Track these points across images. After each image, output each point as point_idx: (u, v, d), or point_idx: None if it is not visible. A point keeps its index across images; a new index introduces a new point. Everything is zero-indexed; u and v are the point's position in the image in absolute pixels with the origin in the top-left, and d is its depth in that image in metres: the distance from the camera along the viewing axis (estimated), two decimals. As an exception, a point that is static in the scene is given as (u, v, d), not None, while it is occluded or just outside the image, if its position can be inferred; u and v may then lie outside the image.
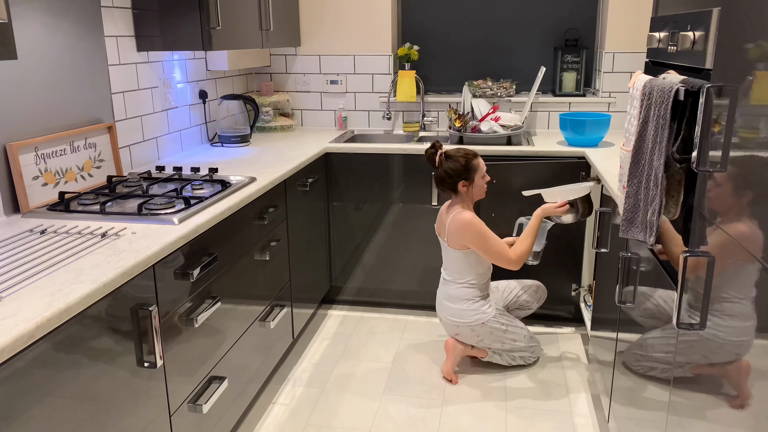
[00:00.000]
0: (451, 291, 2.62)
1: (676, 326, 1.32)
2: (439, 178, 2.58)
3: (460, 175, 2.54)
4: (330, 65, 3.67)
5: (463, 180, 2.54)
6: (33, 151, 2.01)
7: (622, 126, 3.48)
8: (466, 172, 2.54)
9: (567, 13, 3.57)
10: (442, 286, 2.68)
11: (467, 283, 2.60)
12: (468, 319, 2.59)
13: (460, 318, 2.60)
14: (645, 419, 1.70)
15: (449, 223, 2.55)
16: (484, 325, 2.59)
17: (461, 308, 2.59)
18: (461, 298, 2.60)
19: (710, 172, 1.27)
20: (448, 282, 2.64)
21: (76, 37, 2.22)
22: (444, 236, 2.59)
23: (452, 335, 2.68)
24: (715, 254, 1.22)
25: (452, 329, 2.65)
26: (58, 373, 1.29)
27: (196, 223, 1.84)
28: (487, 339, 2.64)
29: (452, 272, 2.62)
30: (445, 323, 2.67)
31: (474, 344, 2.67)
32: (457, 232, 2.53)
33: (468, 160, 2.54)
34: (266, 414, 2.47)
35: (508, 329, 2.65)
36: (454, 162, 2.54)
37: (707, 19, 1.35)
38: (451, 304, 2.61)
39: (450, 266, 2.63)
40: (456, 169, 2.53)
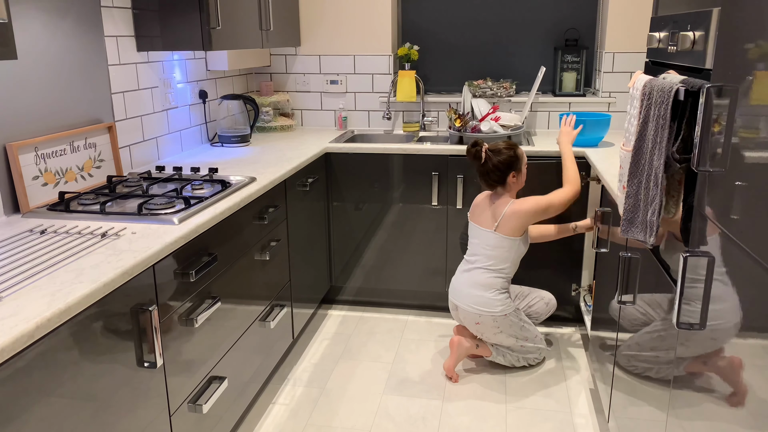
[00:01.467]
0: (481, 278, 2.60)
1: (676, 326, 1.32)
2: (489, 172, 2.59)
3: (510, 166, 2.58)
4: (330, 65, 3.67)
5: (513, 171, 2.58)
6: (33, 151, 2.01)
7: (622, 126, 3.48)
8: (517, 162, 2.59)
9: (567, 13, 3.56)
10: (467, 273, 2.65)
11: (500, 272, 2.60)
12: (493, 309, 2.58)
13: (486, 307, 2.58)
14: (645, 419, 1.70)
15: (508, 210, 2.56)
16: (506, 317, 2.60)
17: (489, 296, 2.58)
18: (491, 286, 2.59)
19: (710, 172, 1.27)
20: (478, 269, 2.62)
21: (76, 37, 2.22)
22: (491, 223, 2.59)
23: (471, 324, 2.64)
24: (716, 254, 1.22)
25: (473, 318, 2.61)
26: (58, 373, 1.29)
27: (196, 223, 1.84)
28: (505, 332, 2.63)
29: (489, 258, 2.60)
30: (466, 312, 2.62)
31: (490, 337, 2.65)
32: (522, 216, 2.56)
33: (515, 150, 2.60)
34: (266, 414, 2.47)
35: (524, 326, 2.66)
36: (503, 155, 2.57)
37: (707, 19, 1.35)
38: (479, 292, 2.59)
39: (487, 252, 2.61)
40: (507, 162, 2.57)
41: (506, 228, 2.58)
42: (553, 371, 2.76)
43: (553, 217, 2.70)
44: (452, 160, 3.04)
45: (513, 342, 2.67)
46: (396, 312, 3.35)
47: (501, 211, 2.58)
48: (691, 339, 1.36)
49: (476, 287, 2.60)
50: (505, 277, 2.62)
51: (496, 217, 2.59)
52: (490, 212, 2.61)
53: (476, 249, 2.65)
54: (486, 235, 2.62)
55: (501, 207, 2.59)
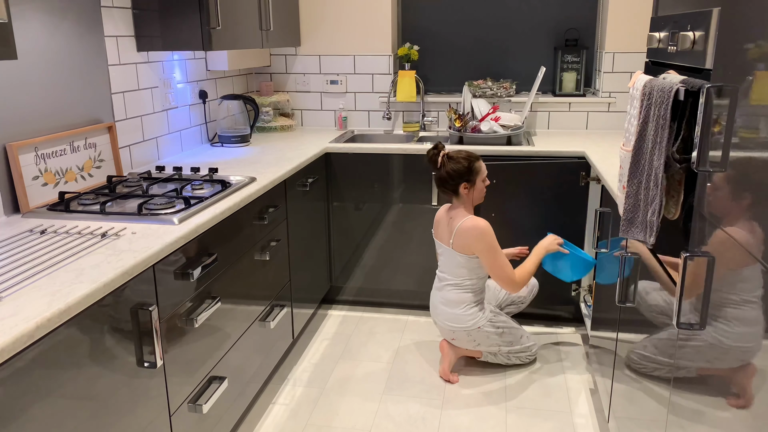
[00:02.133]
0: (449, 295, 2.61)
1: (676, 326, 1.32)
2: (441, 179, 2.57)
3: (462, 176, 2.54)
4: (330, 65, 3.67)
5: (464, 182, 2.54)
6: (33, 151, 2.01)
7: (622, 126, 3.48)
8: (468, 174, 2.54)
9: (567, 13, 3.56)
10: (438, 291, 2.67)
11: (465, 288, 2.60)
12: (464, 324, 2.59)
13: (457, 323, 2.60)
14: (645, 419, 1.70)
15: (460, 226, 2.52)
16: (480, 330, 2.60)
17: (457, 313, 2.59)
18: (458, 302, 2.60)
19: (710, 172, 1.27)
20: (445, 286, 2.63)
21: (76, 37, 2.22)
22: (448, 239, 2.57)
23: (449, 339, 2.68)
24: (716, 254, 1.22)
25: (448, 334, 2.65)
26: (58, 373, 1.29)
27: (196, 223, 1.84)
28: (483, 343, 2.65)
29: (451, 275, 2.61)
30: (441, 328, 2.67)
31: (471, 348, 2.68)
32: (468, 238, 2.51)
33: (470, 162, 2.54)
34: (266, 414, 2.47)
35: (504, 332, 2.65)
36: (457, 163, 2.53)
37: (707, 19, 1.35)
38: (448, 308, 2.61)
39: (450, 269, 2.61)
40: (458, 171, 2.53)
41: (459, 245, 2.54)
42: (553, 371, 2.76)
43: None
44: (452, 160, 3.04)
45: (496, 350, 2.69)
46: (396, 312, 3.35)
47: (454, 226, 2.55)
48: (698, 346, 1.36)
49: (447, 304, 2.62)
50: (473, 290, 2.61)
51: (451, 233, 2.56)
52: (447, 227, 2.59)
53: (443, 266, 2.65)
54: (447, 252, 2.60)
55: (454, 222, 2.55)
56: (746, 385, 1.09)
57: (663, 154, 1.46)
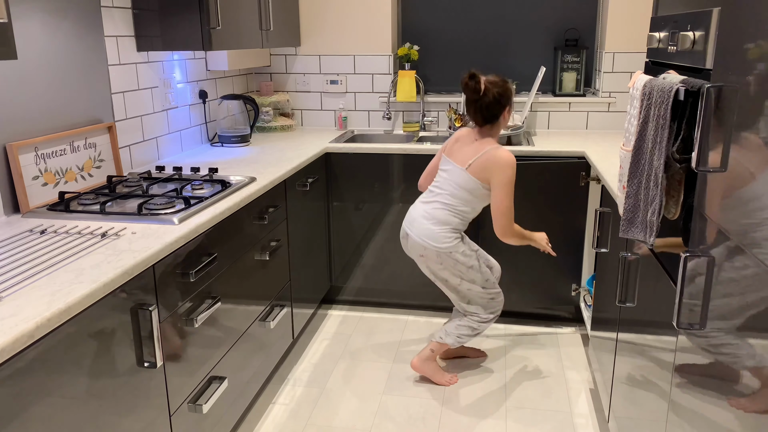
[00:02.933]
0: (436, 213, 2.49)
1: (676, 326, 1.32)
2: (488, 105, 2.42)
3: (508, 99, 2.44)
4: (330, 65, 3.67)
5: (508, 106, 2.46)
6: (33, 151, 2.01)
7: (622, 126, 3.48)
8: (512, 96, 2.47)
9: (567, 13, 3.57)
10: (423, 204, 2.54)
11: (456, 212, 2.50)
12: (439, 244, 2.48)
13: (432, 240, 2.48)
14: (645, 419, 1.70)
15: (491, 152, 2.41)
16: (450, 255, 2.50)
17: (436, 231, 2.48)
18: (442, 222, 2.49)
19: (710, 172, 1.27)
20: (436, 203, 2.51)
21: (76, 37, 2.22)
22: (466, 160, 2.45)
23: (416, 255, 2.56)
24: (715, 254, 1.22)
25: (418, 250, 2.53)
26: (58, 373, 1.29)
27: (196, 223, 1.84)
28: (448, 269, 2.53)
29: (449, 195, 2.48)
30: (413, 243, 2.54)
31: (435, 271, 2.56)
32: (495, 166, 2.41)
33: (508, 84, 2.46)
34: (266, 414, 2.47)
35: (472, 267, 2.56)
36: (500, 87, 2.42)
37: (707, 19, 1.35)
38: (429, 223, 2.49)
39: (450, 189, 2.49)
40: (504, 94, 2.43)
41: (478, 168, 2.43)
42: (553, 371, 2.76)
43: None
44: (452, 160, 3.04)
45: (457, 282, 2.57)
46: (396, 312, 3.35)
47: (481, 150, 2.43)
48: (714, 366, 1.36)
49: (430, 219, 2.50)
50: (461, 218, 2.51)
51: (474, 155, 2.44)
52: (470, 149, 2.46)
53: (443, 183, 2.52)
54: (456, 172, 2.48)
55: (482, 146, 2.44)
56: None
57: (663, 154, 1.46)
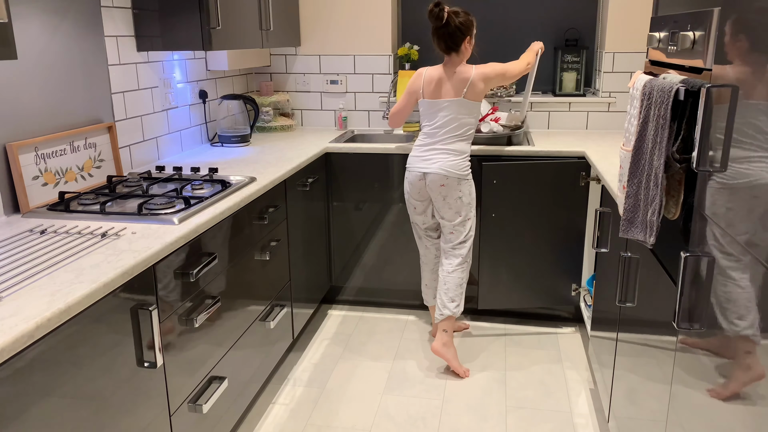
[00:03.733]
0: (455, 146, 2.66)
1: (676, 326, 1.32)
2: (450, 34, 2.58)
3: (469, 29, 2.60)
4: (330, 65, 3.67)
5: (468, 36, 2.61)
6: (33, 151, 2.01)
7: (622, 126, 3.48)
8: (473, 27, 2.63)
9: (567, 13, 3.56)
10: (438, 145, 2.68)
11: (468, 138, 2.69)
12: (461, 171, 2.66)
13: (455, 169, 2.65)
14: (645, 419, 1.70)
15: (475, 76, 2.61)
16: (468, 182, 2.70)
17: (458, 161, 2.66)
18: (462, 152, 2.67)
19: (710, 172, 1.27)
20: (450, 138, 2.66)
21: (76, 37, 2.22)
22: (458, 92, 2.62)
23: (436, 187, 2.67)
24: (715, 254, 1.22)
25: (439, 180, 2.65)
26: (58, 373, 1.29)
27: (196, 223, 1.84)
28: (464, 198, 2.69)
29: (461, 126, 2.65)
30: (434, 176, 2.65)
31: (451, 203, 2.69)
32: (485, 78, 2.62)
33: (472, 16, 2.62)
34: (266, 414, 2.47)
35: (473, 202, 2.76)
36: (463, 16, 2.58)
37: (707, 19, 1.35)
38: (452, 157, 2.65)
39: (461, 120, 2.64)
40: (466, 24, 2.59)
41: (473, 93, 2.63)
42: (553, 371, 2.76)
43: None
44: (452, 160, 3.04)
45: (466, 212, 2.72)
46: (396, 312, 3.35)
47: (467, 77, 2.61)
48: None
49: (452, 153, 2.66)
50: (470, 141, 2.72)
51: (464, 84, 2.61)
52: (453, 83, 2.63)
53: (445, 122, 2.66)
54: (455, 105, 2.63)
55: (465, 74, 2.62)
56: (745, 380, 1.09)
57: (663, 154, 1.46)
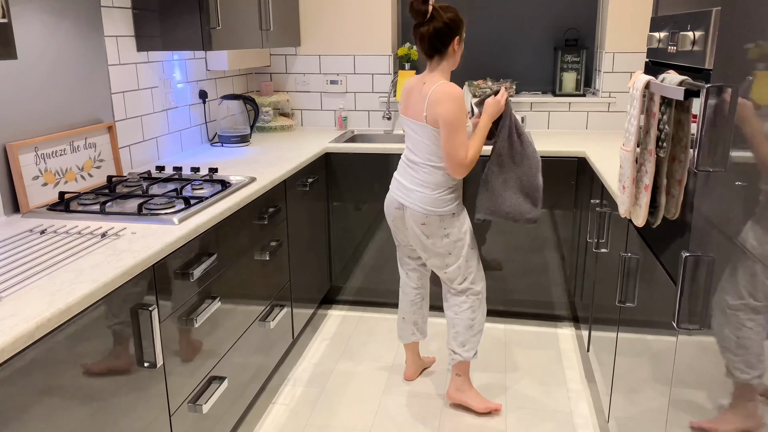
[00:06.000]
0: (426, 177, 2.27)
1: (676, 326, 1.32)
2: (436, 32, 2.18)
3: (458, 28, 2.21)
4: (330, 65, 3.67)
5: (458, 36, 2.23)
6: (33, 151, 2.01)
7: (622, 126, 3.48)
8: (461, 25, 2.24)
9: (567, 13, 3.57)
10: (408, 170, 2.32)
11: (443, 168, 2.26)
12: (440, 208, 2.27)
13: (432, 206, 2.27)
14: (645, 419, 1.70)
15: (434, 91, 2.17)
16: (454, 216, 2.30)
17: (435, 195, 2.26)
18: (436, 185, 2.26)
19: (710, 172, 1.27)
20: (420, 165, 2.28)
21: (76, 37, 2.22)
22: (421, 113, 2.22)
23: (417, 225, 2.31)
24: (715, 254, 1.22)
25: (418, 218, 2.29)
26: (58, 373, 1.29)
27: (196, 223, 1.84)
28: (452, 236, 2.31)
29: (432, 153, 2.25)
30: (412, 212, 2.30)
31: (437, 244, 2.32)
32: (438, 103, 2.16)
33: (459, 14, 2.24)
34: (266, 414, 2.47)
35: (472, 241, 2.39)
36: (450, 12, 2.21)
37: (707, 19, 1.35)
38: (425, 189, 2.27)
39: (424, 150, 2.26)
40: (455, 21, 2.20)
41: (431, 115, 2.19)
42: (553, 371, 2.76)
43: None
44: (452, 160, 3.04)
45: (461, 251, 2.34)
46: (396, 312, 3.35)
47: (426, 93, 2.20)
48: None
49: (424, 185, 2.27)
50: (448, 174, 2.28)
51: (423, 102, 2.21)
52: (419, 98, 2.23)
53: (417, 144, 2.28)
54: (420, 129, 2.26)
55: (428, 88, 2.20)
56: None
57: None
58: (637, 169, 1.63)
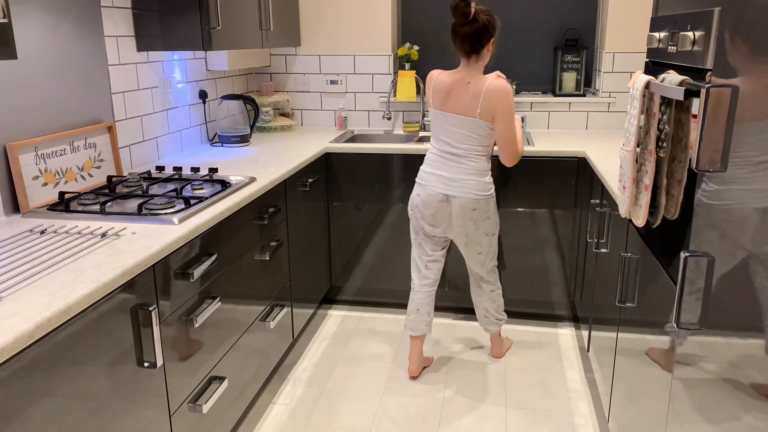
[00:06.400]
0: (477, 165, 2.44)
1: (676, 326, 1.32)
2: (477, 32, 2.33)
3: (495, 29, 2.37)
4: (330, 65, 3.67)
5: (493, 37, 2.38)
6: (33, 151, 2.01)
7: (622, 126, 3.48)
8: (497, 27, 2.39)
9: (567, 13, 3.57)
10: (448, 162, 2.46)
11: (487, 156, 2.48)
12: (487, 192, 2.47)
13: (483, 191, 2.46)
14: (645, 419, 1.70)
15: (488, 87, 2.34)
16: (493, 198, 2.51)
17: (484, 180, 2.46)
18: (484, 171, 2.46)
19: (710, 172, 1.27)
20: (465, 156, 2.44)
21: (76, 37, 2.22)
22: (473, 109, 2.37)
23: (467, 212, 2.47)
24: (715, 254, 1.22)
25: (471, 204, 2.46)
26: (58, 373, 1.29)
27: (196, 223, 1.84)
28: (492, 217, 2.53)
29: (479, 144, 2.42)
30: (462, 201, 2.45)
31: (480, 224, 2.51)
32: (495, 100, 2.35)
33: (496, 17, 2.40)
34: (266, 414, 2.47)
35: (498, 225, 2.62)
36: (489, 15, 2.35)
37: (707, 19, 1.35)
38: (477, 177, 2.44)
39: (470, 141, 2.42)
40: (492, 23, 2.35)
41: (486, 111, 2.36)
42: (553, 371, 2.76)
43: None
44: (452, 160, 3.04)
45: (495, 230, 2.57)
46: (396, 312, 3.35)
47: (479, 91, 2.35)
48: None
49: (476, 173, 2.44)
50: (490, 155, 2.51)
51: (477, 100, 2.36)
52: (467, 93, 2.38)
53: (459, 137, 2.42)
54: (472, 125, 2.39)
55: (479, 84, 2.36)
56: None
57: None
58: (637, 169, 1.63)
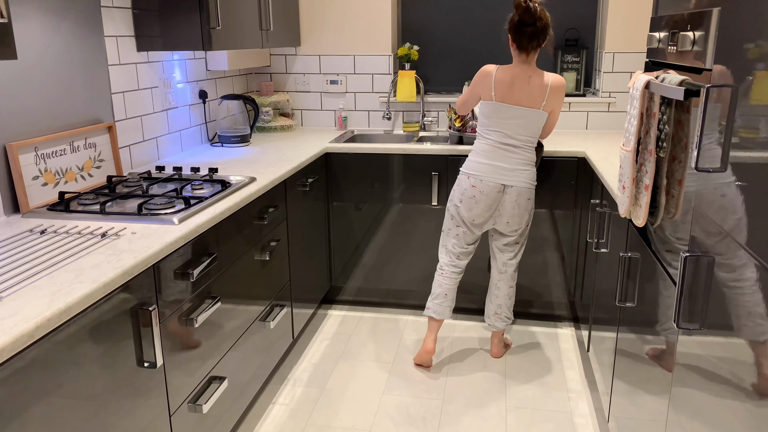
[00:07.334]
0: (528, 156, 2.59)
1: (676, 326, 1.32)
2: (544, 29, 2.47)
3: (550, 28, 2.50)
4: (330, 65, 3.67)
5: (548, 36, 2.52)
6: (33, 151, 2.01)
7: (622, 126, 3.48)
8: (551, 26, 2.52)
9: (567, 13, 3.56)
10: (505, 153, 2.57)
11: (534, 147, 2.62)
12: (535, 180, 2.64)
13: (534, 179, 2.63)
14: (645, 419, 1.70)
15: (554, 84, 2.51)
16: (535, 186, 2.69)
17: (534, 169, 2.62)
18: (533, 160, 2.62)
19: (710, 172, 1.27)
20: (523, 148, 2.57)
21: (76, 37, 2.22)
22: (538, 101, 2.51)
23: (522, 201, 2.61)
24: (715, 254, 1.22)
25: (526, 194, 2.61)
26: (58, 373, 1.29)
27: (196, 223, 1.85)
28: (532, 199, 2.66)
29: (533, 135, 2.57)
30: (520, 190, 2.58)
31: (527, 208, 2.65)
32: (558, 95, 2.53)
33: None
34: (266, 414, 2.47)
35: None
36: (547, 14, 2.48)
37: (707, 19, 1.35)
38: (529, 167, 2.60)
39: (526, 132, 2.55)
40: (549, 22, 2.49)
41: (550, 104, 2.53)
42: (553, 371, 2.76)
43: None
44: (452, 160, 3.04)
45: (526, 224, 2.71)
46: (396, 312, 3.35)
47: (544, 85, 2.51)
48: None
49: (528, 164, 2.59)
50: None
51: (542, 93, 2.51)
52: (530, 87, 2.51)
53: (518, 129, 2.55)
54: (533, 116, 2.53)
55: (541, 78, 2.51)
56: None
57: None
58: (637, 169, 1.63)
